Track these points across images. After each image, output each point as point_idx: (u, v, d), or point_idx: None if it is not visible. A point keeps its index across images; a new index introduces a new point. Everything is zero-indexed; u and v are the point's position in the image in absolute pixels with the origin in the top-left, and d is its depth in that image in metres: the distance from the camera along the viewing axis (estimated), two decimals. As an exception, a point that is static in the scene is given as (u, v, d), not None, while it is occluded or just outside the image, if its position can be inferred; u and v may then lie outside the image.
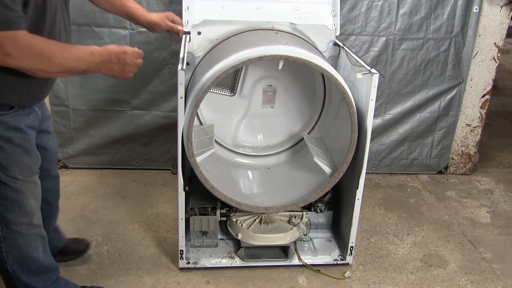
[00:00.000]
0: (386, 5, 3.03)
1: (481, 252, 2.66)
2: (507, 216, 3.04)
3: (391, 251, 2.63)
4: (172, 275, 2.34)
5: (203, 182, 2.17)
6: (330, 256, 2.48)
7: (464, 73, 3.23)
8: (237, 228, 2.40)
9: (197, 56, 2.43)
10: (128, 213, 2.81)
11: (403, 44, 3.12)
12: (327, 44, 2.53)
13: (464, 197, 3.24)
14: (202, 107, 2.56)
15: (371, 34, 3.09)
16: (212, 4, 2.43)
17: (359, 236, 2.68)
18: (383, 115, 3.29)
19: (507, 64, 6.52)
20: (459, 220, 2.96)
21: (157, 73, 3.06)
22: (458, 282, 2.42)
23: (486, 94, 3.31)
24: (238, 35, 2.38)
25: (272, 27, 2.42)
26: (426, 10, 3.06)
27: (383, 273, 2.44)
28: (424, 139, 3.39)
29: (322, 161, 2.34)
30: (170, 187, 3.10)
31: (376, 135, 3.32)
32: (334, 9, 2.52)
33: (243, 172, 2.64)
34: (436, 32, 3.11)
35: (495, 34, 3.14)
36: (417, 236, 2.77)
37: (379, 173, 3.45)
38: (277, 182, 2.56)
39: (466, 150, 3.46)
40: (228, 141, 2.67)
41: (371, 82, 2.06)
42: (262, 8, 2.47)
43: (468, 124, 3.38)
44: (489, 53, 3.19)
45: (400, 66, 3.17)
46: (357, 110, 2.15)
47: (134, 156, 3.29)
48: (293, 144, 2.71)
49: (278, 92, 2.60)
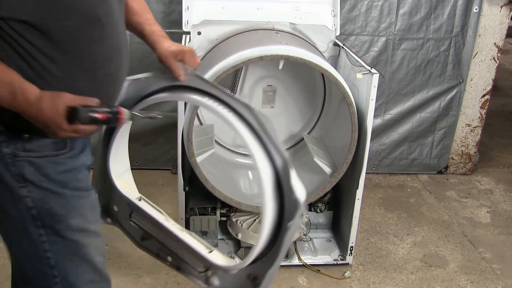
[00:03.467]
0: (386, 5, 3.03)
1: (481, 252, 2.66)
2: (507, 216, 3.04)
3: (391, 251, 2.63)
4: (172, 275, 2.34)
5: (203, 182, 2.17)
6: (330, 256, 2.48)
7: (464, 73, 3.23)
8: (237, 228, 2.40)
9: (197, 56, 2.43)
10: (128, 213, 2.81)
11: (403, 44, 3.12)
12: (327, 44, 2.53)
13: (464, 197, 3.24)
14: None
15: (371, 34, 3.09)
16: (212, 4, 2.43)
17: (359, 236, 2.68)
18: (383, 115, 3.29)
19: (507, 64, 6.52)
20: (459, 220, 2.96)
21: (157, 73, 3.05)
22: (458, 282, 2.42)
23: (486, 94, 3.31)
24: (238, 35, 2.38)
25: (272, 27, 2.42)
26: (426, 10, 3.06)
27: (383, 273, 2.44)
28: (424, 139, 3.39)
29: (322, 161, 2.34)
30: (170, 187, 3.10)
31: (376, 135, 3.32)
32: (334, 9, 2.52)
33: (243, 172, 2.64)
34: (436, 32, 3.11)
35: (495, 34, 3.14)
36: (417, 236, 2.77)
37: (379, 173, 3.45)
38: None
39: (466, 150, 3.46)
40: (228, 141, 2.67)
41: (371, 82, 2.06)
42: (262, 8, 2.47)
43: (468, 124, 3.38)
44: (489, 53, 3.19)
45: (400, 66, 3.17)
46: (357, 110, 2.15)
47: (134, 156, 3.27)
48: (293, 144, 2.71)
49: (278, 92, 2.60)
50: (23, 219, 1.27)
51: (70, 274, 1.35)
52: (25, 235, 1.29)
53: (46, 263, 1.32)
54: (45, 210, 1.27)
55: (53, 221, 1.29)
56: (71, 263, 1.34)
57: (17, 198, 1.25)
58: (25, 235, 1.29)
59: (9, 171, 1.22)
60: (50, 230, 1.30)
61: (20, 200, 1.25)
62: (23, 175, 1.23)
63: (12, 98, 1.11)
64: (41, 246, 1.30)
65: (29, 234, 1.29)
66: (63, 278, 1.34)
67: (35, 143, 1.23)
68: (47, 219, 1.28)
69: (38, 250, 1.30)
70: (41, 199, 1.26)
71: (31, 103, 1.13)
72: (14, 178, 1.23)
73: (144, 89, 1.52)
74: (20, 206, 1.26)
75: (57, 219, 1.29)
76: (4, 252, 2.39)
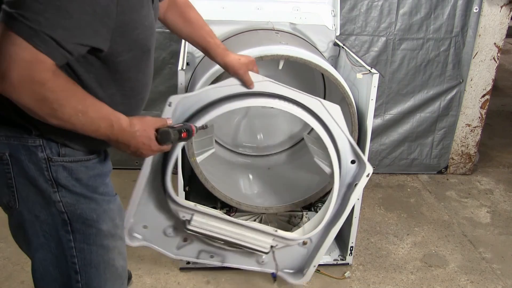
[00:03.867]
0: (386, 5, 3.03)
1: (481, 252, 2.66)
2: (507, 216, 3.04)
3: (391, 251, 2.63)
4: (172, 275, 2.34)
5: (203, 182, 2.17)
6: (330, 256, 2.47)
7: (464, 73, 3.23)
8: (237, 228, 2.41)
9: (197, 56, 2.43)
10: (128, 213, 2.80)
11: (403, 44, 3.12)
12: (327, 44, 2.53)
13: (464, 197, 3.24)
14: (202, 107, 2.56)
15: (371, 34, 3.09)
16: (212, 4, 2.43)
17: (359, 236, 2.68)
18: (383, 115, 3.29)
19: (507, 64, 6.52)
20: (459, 220, 2.96)
21: (157, 73, 3.05)
22: (458, 282, 2.42)
23: (486, 94, 3.31)
24: (238, 35, 2.38)
25: (272, 27, 2.42)
26: (426, 10, 3.06)
27: (383, 273, 2.44)
28: (424, 139, 3.39)
29: (322, 161, 2.34)
30: (170, 187, 3.10)
31: (376, 135, 3.32)
32: (334, 9, 2.52)
33: (243, 172, 2.64)
34: (436, 32, 3.11)
35: (495, 34, 3.15)
36: (417, 236, 2.77)
37: (379, 173, 3.45)
38: (277, 182, 2.56)
39: (466, 150, 3.46)
40: (228, 141, 2.67)
41: (371, 82, 2.06)
42: (262, 8, 2.47)
43: (468, 124, 3.38)
44: (489, 53, 3.19)
45: (400, 66, 3.17)
46: (357, 110, 2.15)
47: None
48: (293, 144, 2.71)
49: (278, 92, 2.60)
50: (54, 223, 1.29)
51: (93, 281, 1.37)
52: (54, 239, 1.31)
53: (71, 268, 1.34)
54: (77, 215, 1.29)
55: (85, 226, 1.31)
56: (96, 270, 1.36)
57: (50, 202, 1.27)
58: (54, 239, 1.31)
59: (43, 175, 1.24)
60: (80, 235, 1.31)
61: (53, 204, 1.27)
62: (57, 179, 1.25)
63: (111, 130, 1.19)
64: (68, 252, 1.32)
65: (58, 238, 1.30)
66: (85, 284, 1.36)
67: (69, 148, 1.26)
68: (78, 224, 1.30)
69: (65, 255, 1.32)
70: (73, 204, 1.28)
71: (125, 130, 1.22)
72: (47, 183, 1.25)
73: (195, 104, 1.75)
74: (52, 210, 1.27)
75: (88, 224, 1.31)
76: (4, 252, 2.40)
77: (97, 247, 1.35)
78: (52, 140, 1.23)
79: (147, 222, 1.98)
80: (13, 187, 1.24)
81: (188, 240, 2.06)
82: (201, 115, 1.75)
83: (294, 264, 2.13)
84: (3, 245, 2.44)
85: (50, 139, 1.23)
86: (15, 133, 1.21)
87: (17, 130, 1.21)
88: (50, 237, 1.30)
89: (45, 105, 1.07)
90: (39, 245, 1.31)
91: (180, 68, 1.96)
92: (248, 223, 1.96)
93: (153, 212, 1.96)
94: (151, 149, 1.30)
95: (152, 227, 2.00)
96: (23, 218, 1.28)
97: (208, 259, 2.10)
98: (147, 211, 1.95)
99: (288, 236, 1.98)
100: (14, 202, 1.26)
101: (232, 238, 1.96)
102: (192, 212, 1.91)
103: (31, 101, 1.06)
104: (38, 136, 1.22)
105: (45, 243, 1.31)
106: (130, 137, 1.24)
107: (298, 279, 2.13)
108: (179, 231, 2.02)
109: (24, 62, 1.01)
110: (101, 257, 1.36)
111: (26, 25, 1.00)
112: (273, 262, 2.04)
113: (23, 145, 1.22)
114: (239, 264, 2.13)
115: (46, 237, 1.30)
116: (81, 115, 1.12)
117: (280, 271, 2.10)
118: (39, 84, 1.04)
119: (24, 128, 1.21)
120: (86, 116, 1.13)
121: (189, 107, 1.76)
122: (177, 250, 2.08)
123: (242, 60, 1.72)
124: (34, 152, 1.22)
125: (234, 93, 1.77)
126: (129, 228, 1.96)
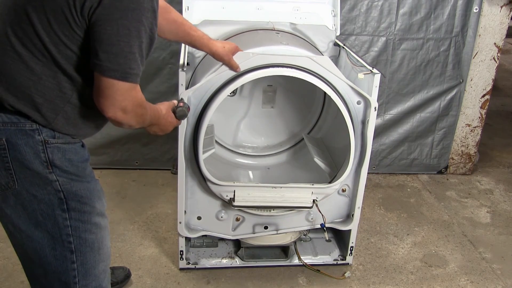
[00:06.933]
0: (386, 5, 3.03)
1: (481, 252, 2.66)
2: (507, 216, 3.04)
3: (391, 251, 2.63)
4: (172, 275, 2.34)
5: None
6: (330, 256, 2.48)
7: (464, 73, 3.23)
8: (237, 228, 2.42)
9: (197, 56, 2.43)
10: (128, 213, 2.81)
11: (403, 44, 3.12)
12: (327, 44, 2.53)
13: (464, 197, 3.24)
14: (202, 107, 2.56)
15: (371, 34, 3.09)
16: (212, 4, 2.43)
17: (359, 236, 2.68)
18: (383, 115, 3.29)
19: (507, 64, 6.53)
20: (459, 220, 2.96)
21: (157, 73, 3.06)
22: (458, 282, 2.42)
23: (486, 94, 3.31)
24: (238, 35, 2.38)
25: (273, 27, 2.42)
26: (426, 10, 3.06)
27: (383, 273, 2.44)
28: (424, 139, 3.39)
29: (322, 161, 2.34)
30: (170, 187, 3.10)
31: (376, 135, 3.31)
32: (334, 9, 2.52)
33: (243, 172, 2.64)
34: (436, 32, 3.11)
35: (495, 34, 3.15)
36: (417, 236, 2.78)
37: (379, 173, 3.45)
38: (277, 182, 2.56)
39: (466, 150, 3.46)
40: (229, 141, 2.67)
41: (373, 82, 2.06)
42: (262, 8, 2.47)
43: (468, 124, 3.38)
44: (489, 53, 3.19)
45: (400, 66, 3.17)
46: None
47: (134, 156, 3.29)
48: (293, 144, 2.71)
49: (278, 92, 2.60)
50: (51, 202, 1.37)
51: (87, 261, 1.46)
52: (51, 218, 1.38)
53: (67, 247, 1.42)
54: (72, 192, 1.39)
55: (80, 204, 1.41)
56: (90, 250, 1.46)
57: (47, 182, 1.35)
58: (50, 218, 1.38)
59: (39, 158, 1.33)
60: (76, 213, 1.40)
61: (49, 183, 1.36)
62: (52, 160, 1.35)
63: (157, 118, 1.56)
64: (64, 230, 1.40)
65: (54, 217, 1.38)
66: (80, 265, 1.45)
67: (59, 133, 1.37)
68: (74, 202, 1.40)
69: (61, 234, 1.40)
70: (68, 183, 1.38)
71: (162, 116, 1.60)
72: (43, 165, 1.34)
73: (205, 94, 1.98)
74: (49, 189, 1.36)
75: (83, 202, 1.42)
76: (4, 252, 2.40)
77: (91, 225, 1.44)
78: (48, 124, 1.34)
79: (199, 213, 2.21)
80: (10, 170, 1.32)
81: (240, 218, 2.24)
82: (212, 102, 1.97)
83: (340, 212, 2.33)
84: (3, 245, 2.44)
85: (46, 123, 1.33)
86: (12, 119, 1.30)
87: (14, 116, 1.30)
88: (47, 216, 1.38)
89: (142, 118, 1.40)
90: (37, 223, 1.38)
91: (180, 69, 1.97)
92: (286, 184, 2.14)
93: (201, 202, 2.19)
94: (173, 125, 1.69)
95: (205, 215, 2.22)
96: (22, 197, 1.36)
97: (263, 231, 2.27)
98: (196, 203, 2.19)
99: (324, 185, 2.17)
100: (13, 182, 1.34)
101: (276, 202, 2.15)
102: (233, 188, 2.10)
103: (138, 119, 1.38)
104: (36, 120, 1.32)
105: (42, 222, 1.38)
106: (164, 120, 1.62)
107: (349, 224, 2.32)
108: (229, 212, 2.21)
109: (129, 95, 1.31)
110: (94, 235, 1.46)
111: (117, 70, 1.26)
112: (320, 216, 2.23)
113: (20, 129, 1.31)
114: (292, 228, 2.30)
115: (43, 216, 1.37)
116: (151, 113, 1.48)
117: (329, 222, 2.30)
118: (141, 105, 1.39)
119: (20, 114, 1.30)
120: (152, 115, 1.49)
121: (199, 99, 1.98)
122: (233, 231, 2.27)
123: (227, 47, 1.92)
124: (31, 135, 1.32)
125: (234, 75, 1.96)
126: (185, 222, 2.19)
